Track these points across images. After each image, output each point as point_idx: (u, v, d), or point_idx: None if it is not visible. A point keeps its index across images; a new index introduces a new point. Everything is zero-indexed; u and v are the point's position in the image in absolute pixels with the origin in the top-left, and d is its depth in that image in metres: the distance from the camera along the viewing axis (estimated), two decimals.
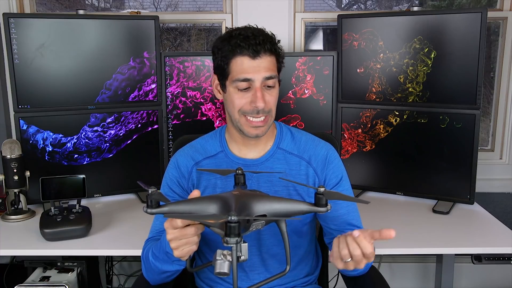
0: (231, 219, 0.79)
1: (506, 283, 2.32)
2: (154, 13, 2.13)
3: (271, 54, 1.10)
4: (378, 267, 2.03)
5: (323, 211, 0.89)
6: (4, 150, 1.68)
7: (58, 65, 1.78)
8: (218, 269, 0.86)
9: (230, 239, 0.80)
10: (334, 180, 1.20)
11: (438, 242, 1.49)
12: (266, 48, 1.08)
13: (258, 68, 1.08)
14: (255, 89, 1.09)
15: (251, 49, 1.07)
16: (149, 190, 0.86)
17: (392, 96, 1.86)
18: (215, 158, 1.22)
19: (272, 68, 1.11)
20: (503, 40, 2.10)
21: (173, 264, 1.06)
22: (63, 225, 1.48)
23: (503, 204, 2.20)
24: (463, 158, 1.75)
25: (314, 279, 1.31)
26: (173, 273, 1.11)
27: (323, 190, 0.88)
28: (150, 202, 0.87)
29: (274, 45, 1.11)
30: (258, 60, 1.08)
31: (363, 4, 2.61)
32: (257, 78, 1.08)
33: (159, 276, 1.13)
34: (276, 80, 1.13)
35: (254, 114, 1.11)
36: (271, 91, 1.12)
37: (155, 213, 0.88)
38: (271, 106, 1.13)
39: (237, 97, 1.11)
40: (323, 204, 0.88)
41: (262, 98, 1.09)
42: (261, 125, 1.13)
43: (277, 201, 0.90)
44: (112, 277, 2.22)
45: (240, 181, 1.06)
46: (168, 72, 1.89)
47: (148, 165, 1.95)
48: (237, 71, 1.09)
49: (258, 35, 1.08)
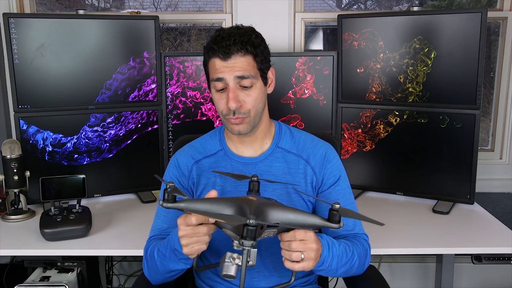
0: (250, 222, 0.80)
1: (506, 283, 2.32)
2: (154, 13, 2.13)
3: (244, 54, 1.09)
4: (378, 267, 2.02)
5: (335, 228, 0.90)
6: (4, 150, 1.68)
7: (58, 65, 1.78)
8: (225, 271, 0.87)
9: (246, 242, 0.81)
10: (332, 180, 1.21)
11: (438, 242, 1.49)
12: (237, 49, 1.08)
13: (230, 68, 1.09)
14: (228, 90, 1.10)
15: (221, 50, 1.08)
16: (167, 184, 0.87)
17: (392, 96, 1.86)
18: (215, 156, 1.22)
19: (246, 68, 1.09)
20: (503, 40, 2.10)
21: (179, 262, 1.05)
22: (63, 225, 1.48)
23: (503, 204, 2.20)
24: (463, 158, 1.75)
25: (314, 279, 1.31)
26: (178, 272, 1.11)
27: (338, 206, 0.89)
28: (167, 196, 0.88)
29: (247, 45, 1.09)
30: (230, 61, 1.09)
31: (363, 4, 2.61)
32: (228, 78, 1.09)
33: (163, 276, 1.13)
34: (254, 80, 1.11)
35: (230, 115, 1.11)
36: (248, 91, 1.11)
37: (171, 207, 0.89)
38: (250, 106, 1.11)
39: (217, 98, 1.14)
40: (337, 220, 0.90)
41: (234, 99, 1.09)
42: (239, 123, 1.13)
43: (292, 212, 0.92)
44: (112, 277, 2.22)
45: (255, 188, 1.06)
46: (168, 72, 1.89)
47: (148, 165, 1.95)
48: (212, 72, 1.12)
49: (233, 36, 1.08)
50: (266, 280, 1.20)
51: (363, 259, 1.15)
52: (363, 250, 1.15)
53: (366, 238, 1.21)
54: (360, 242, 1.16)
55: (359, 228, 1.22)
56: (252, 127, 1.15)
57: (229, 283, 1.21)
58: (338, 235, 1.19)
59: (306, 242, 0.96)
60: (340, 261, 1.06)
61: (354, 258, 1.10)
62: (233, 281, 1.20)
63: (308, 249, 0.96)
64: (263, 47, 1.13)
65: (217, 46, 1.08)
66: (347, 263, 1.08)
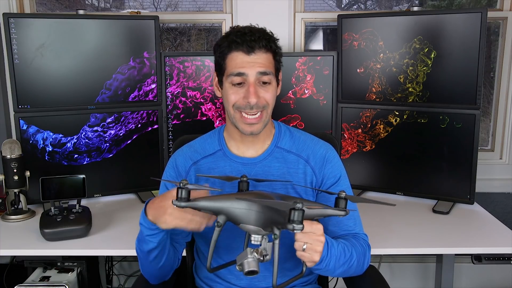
0: (297, 206, 0.82)
1: (506, 283, 2.32)
2: (154, 13, 2.13)
3: (266, 51, 1.11)
4: (378, 267, 2.02)
5: (342, 214, 0.93)
6: (4, 150, 1.68)
7: (58, 65, 1.78)
8: (250, 267, 0.88)
9: (297, 225, 0.83)
10: (332, 180, 1.20)
11: (438, 242, 1.49)
12: (261, 45, 1.10)
13: (253, 63, 1.09)
14: (249, 84, 1.10)
15: (246, 44, 1.08)
16: (180, 183, 0.87)
17: (392, 96, 1.86)
18: (213, 156, 1.22)
19: (267, 64, 1.11)
20: (503, 40, 2.10)
21: (145, 240, 1.06)
22: (63, 225, 1.48)
23: (503, 204, 2.20)
24: (463, 158, 1.75)
25: (314, 279, 1.31)
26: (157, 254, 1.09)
27: (344, 194, 0.92)
28: (180, 194, 0.88)
29: (270, 43, 1.12)
30: (253, 56, 1.10)
31: (363, 4, 2.61)
32: (251, 73, 1.09)
33: (149, 266, 1.13)
34: (272, 77, 1.13)
35: (247, 109, 1.11)
36: (267, 87, 1.13)
37: (184, 206, 0.89)
38: (266, 102, 1.13)
39: (232, 92, 1.12)
40: (343, 207, 0.93)
41: (255, 93, 1.10)
42: (255, 122, 1.13)
43: (306, 203, 0.93)
44: (112, 277, 2.22)
45: (244, 188, 1.06)
46: (168, 72, 1.89)
47: (148, 165, 1.95)
48: (232, 66, 1.11)
49: (255, 32, 1.10)
50: (266, 280, 1.20)
51: (361, 260, 1.15)
52: (362, 250, 1.15)
53: (365, 238, 1.21)
54: (360, 243, 1.16)
55: (359, 228, 1.21)
56: (264, 126, 1.16)
57: (228, 282, 1.22)
58: (338, 234, 1.19)
59: (312, 235, 0.97)
60: (338, 262, 1.06)
61: (353, 258, 1.10)
62: (233, 281, 1.21)
63: (316, 241, 0.97)
64: (280, 48, 1.16)
65: (241, 40, 1.09)
66: (345, 264, 1.08)
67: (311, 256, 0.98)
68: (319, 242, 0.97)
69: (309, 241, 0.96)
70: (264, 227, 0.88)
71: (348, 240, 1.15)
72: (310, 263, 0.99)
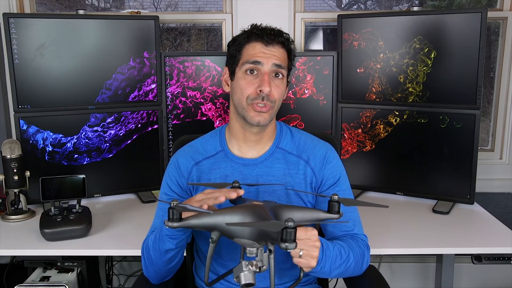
0: (289, 224, 0.81)
1: (506, 283, 2.32)
2: (154, 13, 2.13)
3: (283, 47, 1.14)
4: (378, 267, 2.02)
5: (336, 218, 0.93)
6: (4, 150, 1.68)
7: (58, 65, 1.78)
8: (246, 280, 0.87)
9: (289, 245, 0.82)
10: (331, 180, 1.20)
11: (438, 242, 1.49)
12: (279, 40, 1.13)
13: (270, 55, 1.12)
14: (263, 74, 1.11)
15: (266, 36, 1.12)
16: (171, 203, 0.86)
17: (392, 96, 1.86)
18: (215, 157, 1.22)
19: (282, 59, 1.14)
20: (503, 40, 2.09)
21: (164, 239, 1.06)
22: (63, 225, 1.48)
23: (503, 204, 2.20)
24: (463, 158, 1.75)
25: (314, 279, 1.31)
26: (172, 257, 1.10)
27: (337, 197, 0.93)
28: (172, 215, 0.86)
29: (288, 41, 1.15)
30: (271, 48, 1.12)
31: (363, 4, 2.61)
32: (267, 63, 1.11)
33: (159, 265, 1.13)
34: (285, 73, 1.15)
35: (259, 100, 1.12)
36: (278, 82, 1.14)
37: (176, 227, 0.87)
38: (276, 97, 1.14)
39: (245, 82, 1.13)
40: (336, 211, 0.94)
41: (268, 82, 1.11)
42: (265, 111, 1.13)
43: (297, 209, 0.94)
44: (112, 277, 2.22)
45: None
46: (168, 72, 1.89)
47: (148, 165, 1.95)
48: (249, 55, 1.13)
49: (274, 29, 1.15)
50: (266, 280, 1.20)
51: (360, 261, 1.15)
52: (360, 251, 1.15)
53: (364, 239, 1.21)
54: (358, 244, 1.16)
55: (358, 228, 1.21)
56: (270, 120, 1.16)
57: (229, 282, 1.22)
58: (337, 235, 1.19)
59: (308, 241, 0.97)
60: (334, 264, 1.06)
61: (350, 260, 1.10)
62: (233, 280, 1.20)
63: (312, 247, 0.98)
64: (294, 49, 1.19)
65: (261, 32, 1.12)
66: (341, 265, 1.08)
67: (308, 262, 0.99)
68: (315, 248, 0.99)
69: (305, 247, 0.97)
70: (258, 241, 0.88)
71: (345, 241, 1.15)
72: (307, 268, 1.00)
